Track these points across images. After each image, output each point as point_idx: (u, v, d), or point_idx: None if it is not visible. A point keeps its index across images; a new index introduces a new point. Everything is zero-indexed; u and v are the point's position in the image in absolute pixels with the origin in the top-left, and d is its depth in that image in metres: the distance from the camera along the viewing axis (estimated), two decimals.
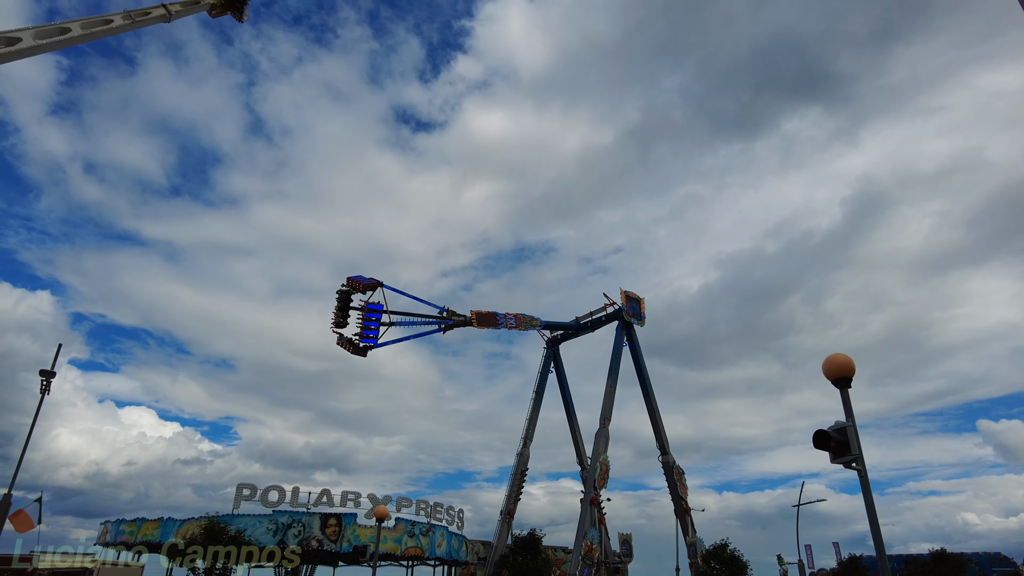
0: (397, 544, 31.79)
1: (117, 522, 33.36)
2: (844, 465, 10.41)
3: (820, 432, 10.73)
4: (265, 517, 29.38)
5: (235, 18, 36.55)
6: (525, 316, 41.45)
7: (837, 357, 10.85)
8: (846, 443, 10.47)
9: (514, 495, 47.81)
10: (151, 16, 35.10)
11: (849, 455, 10.38)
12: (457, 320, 35.02)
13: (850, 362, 10.75)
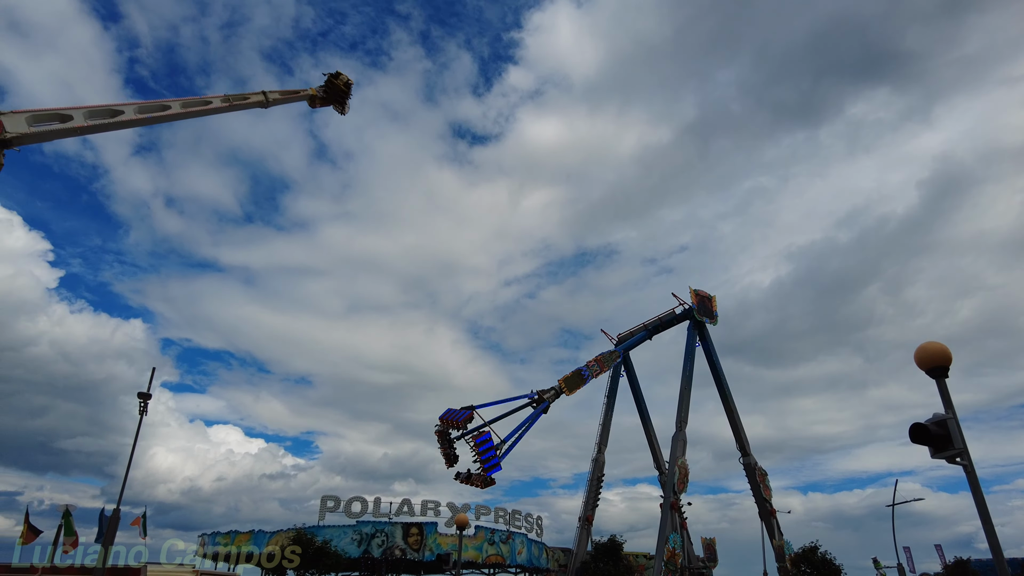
0: (478, 552, 31.99)
1: (213, 535, 35.02)
2: (947, 460, 9.70)
3: (917, 425, 10.06)
4: (350, 528, 30.16)
5: (337, 111, 38.27)
6: (604, 355, 41.13)
7: (931, 346, 10.16)
8: (947, 436, 9.76)
9: (592, 501, 47.33)
10: (249, 101, 37.69)
11: (952, 449, 9.67)
12: (550, 397, 34.81)
13: (945, 350, 10.05)
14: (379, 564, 31.04)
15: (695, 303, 48.84)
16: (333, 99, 38.06)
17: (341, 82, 37.91)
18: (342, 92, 38.02)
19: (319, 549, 24.89)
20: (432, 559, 30.21)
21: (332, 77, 37.66)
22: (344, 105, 38.78)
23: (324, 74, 38.43)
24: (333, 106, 38.23)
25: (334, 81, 37.45)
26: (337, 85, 37.39)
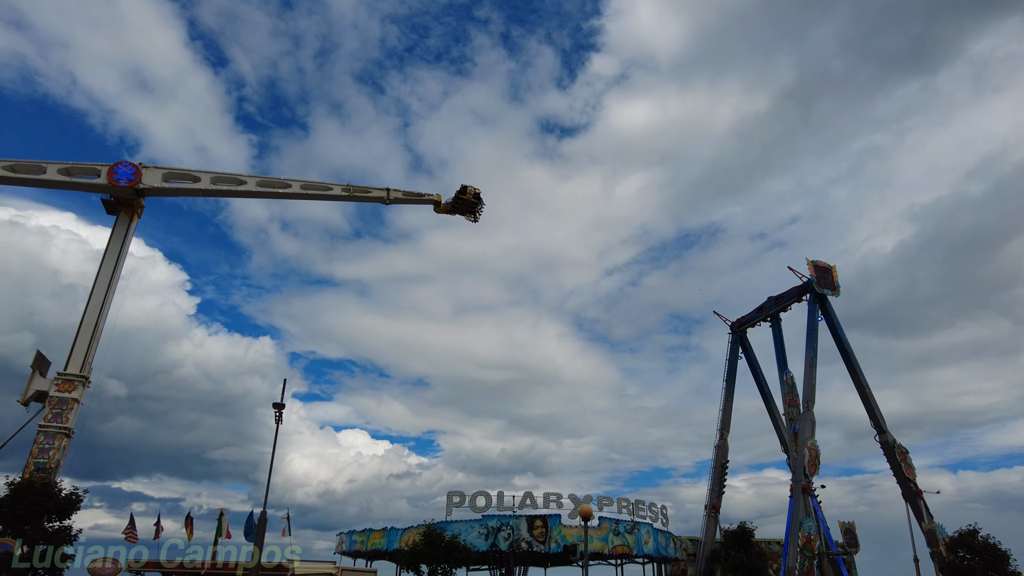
0: (604, 543, 31.86)
1: (349, 533, 37.19)
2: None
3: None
4: (476, 522, 30.99)
5: (469, 221, 40.33)
6: None
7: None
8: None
9: (717, 488, 45.87)
10: (370, 195, 41.15)
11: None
12: None
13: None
14: (507, 557, 31.67)
15: (814, 275, 46.02)
16: (463, 210, 40.35)
17: (470, 195, 40.12)
18: (472, 203, 40.16)
19: (449, 543, 25.74)
20: (558, 551, 30.42)
21: (460, 193, 39.74)
22: (475, 214, 40.68)
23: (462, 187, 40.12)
24: (464, 215, 40.44)
25: (462, 197, 39.71)
26: (466, 199, 39.66)
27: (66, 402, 37.46)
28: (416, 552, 25.72)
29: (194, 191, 41.61)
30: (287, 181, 42.28)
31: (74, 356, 38.84)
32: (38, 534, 25.48)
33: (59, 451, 36.12)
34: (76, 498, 27.25)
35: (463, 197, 39.82)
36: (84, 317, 39.87)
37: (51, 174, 39.50)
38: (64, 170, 39.97)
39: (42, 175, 39.53)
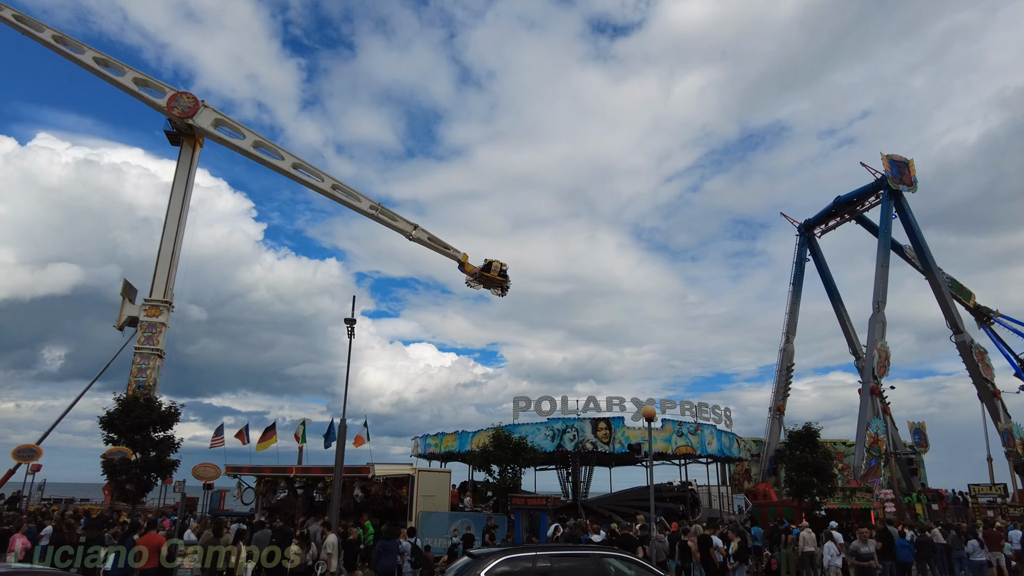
0: (667, 443, 32.70)
1: (424, 437, 39.40)
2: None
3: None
4: (542, 425, 32.24)
5: (497, 295, 39.02)
6: None
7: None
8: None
9: (782, 391, 45.86)
10: (396, 224, 40.63)
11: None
12: None
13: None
14: (573, 457, 33.01)
15: (888, 171, 43.46)
16: (490, 284, 39.35)
17: (494, 272, 39.06)
18: (498, 280, 39.19)
19: (517, 445, 26.96)
20: (623, 451, 31.44)
21: (484, 270, 39.22)
22: (503, 288, 39.68)
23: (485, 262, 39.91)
24: (492, 290, 39.60)
25: (487, 274, 38.97)
26: (491, 276, 38.76)
27: (155, 326, 40.19)
28: (486, 453, 27.10)
29: (235, 147, 42.23)
30: (321, 173, 42.82)
31: (156, 284, 41.31)
32: (146, 443, 28.10)
33: (154, 370, 39.16)
34: (174, 411, 29.70)
35: (487, 275, 39.05)
36: (161, 247, 42.09)
37: (127, 79, 40.86)
38: (140, 80, 41.23)
39: (120, 77, 40.82)
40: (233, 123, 42.33)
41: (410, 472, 25.33)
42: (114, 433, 28.14)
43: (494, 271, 38.61)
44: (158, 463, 28.08)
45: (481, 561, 10.38)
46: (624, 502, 33.34)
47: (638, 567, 11.08)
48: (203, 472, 29.36)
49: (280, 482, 28.42)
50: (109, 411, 28.37)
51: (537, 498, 26.52)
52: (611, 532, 20.50)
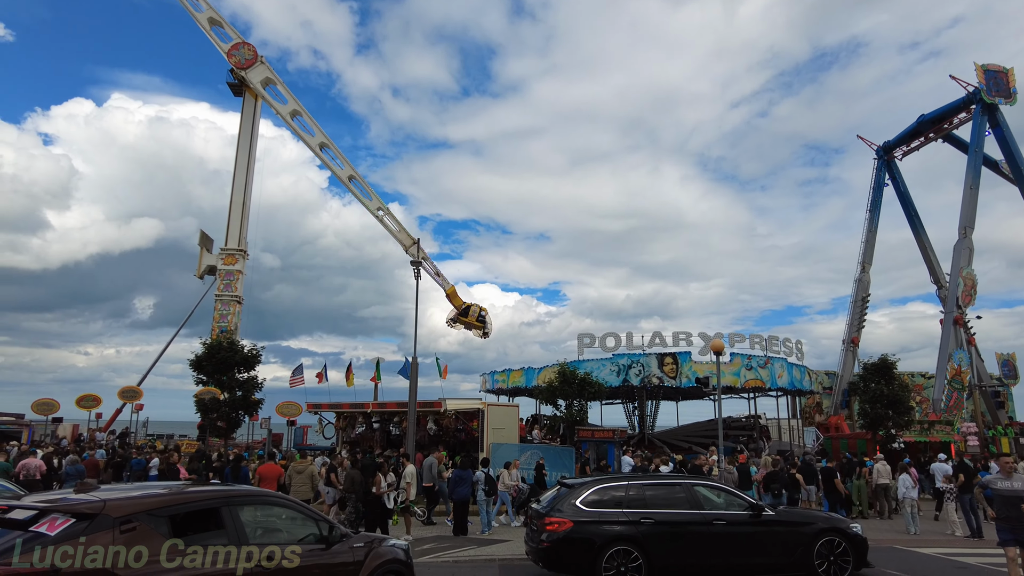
0: (736, 377, 32.35)
1: (491, 373, 40.40)
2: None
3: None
4: (607, 360, 32.41)
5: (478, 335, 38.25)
6: None
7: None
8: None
9: (856, 323, 44.24)
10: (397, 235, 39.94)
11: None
12: None
13: None
14: (638, 392, 33.20)
15: (983, 82, 39.83)
16: (470, 327, 38.66)
17: (472, 317, 38.43)
18: (477, 325, 38.40)
19: (583, 380, 27.27)
20: (690, 385, 31.36)
21: (461, 314, 38.94)
22: (484, 332, 39.02)
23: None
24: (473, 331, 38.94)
25: (463, 318, 38.57)
26: (468, 320, 38.31)
27: (232, 274, 42.09)
28: (553, 388, 27.57)
29: (276, 110, 42.52)
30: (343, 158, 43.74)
31: (231, 233, 43.01)
32: (232, 383, 29.92)
33: (235, 316, 41.24)
34: (256, 354, 31.36)
35: (464, 319, 38.52)
36: (232, 198, 43.60)
37: (203, 17, 41.64)
38: (214, 20, 41.92)
39: (199, 12, 41.53)
40: (279, 86, 42.54)
41: (480, 407, 26.11)
42: (203, 375, 30.06)
43: (472, 316, 38.86)
44: (244, 402, 29.94)
45: (575, 490, 10.71)
46: (691, 435, 33.52)
47: (727, 494, 11.23)
48: (286, 409, 31.13)
49: (358, 417, 29.86)
50: (197, 354, 30.22)
51: (604, 431, 26.95)
52: (680, 464, 20.69)
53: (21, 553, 4.61)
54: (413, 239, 41.29)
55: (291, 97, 42.27)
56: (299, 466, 16.97)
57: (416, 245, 40.29)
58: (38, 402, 31.83)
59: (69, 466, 18.97)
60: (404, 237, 41.72)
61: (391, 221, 41.65)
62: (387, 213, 41.87)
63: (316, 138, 42.10)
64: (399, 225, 41.65)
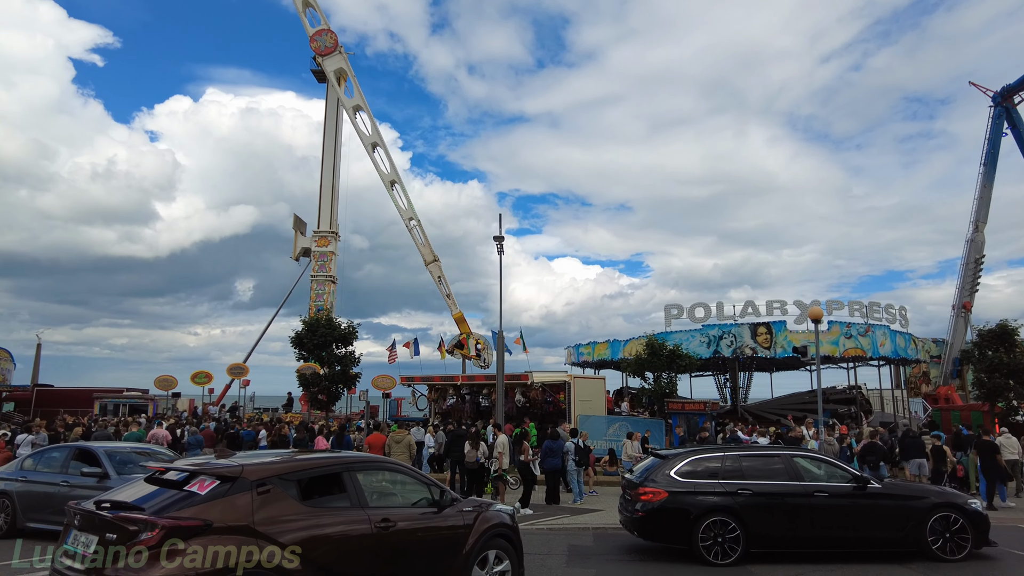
0: (835, 346, 30.95)
1: (576, 346, 40.51)
2: None
3: None
4: (696, 331, 31.74)
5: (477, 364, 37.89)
6: None
7: None
8: None
9: (968, 287, 41.14)
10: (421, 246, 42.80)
11: None
12: None
13: None
14: (730, 363, 32.42)
15: None
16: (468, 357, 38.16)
17: (466, 350, 38.15)
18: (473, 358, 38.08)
19: (672, 352, 26.88)
20: (785, 355, 30.28)
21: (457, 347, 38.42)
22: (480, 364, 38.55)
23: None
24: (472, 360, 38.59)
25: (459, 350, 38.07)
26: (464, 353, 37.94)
27: (325, 255, 44.04)
28: (640, 360, 27.34)
29: (342, 103, 43.48)
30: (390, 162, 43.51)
31: (322, 216, 44.92)
32: (331, 358, 31.53)
33: (329, 295, 43.24)
34: (352, 330, 32.84)
35: (461, 351, 38.22)
36: (321, 182, 45.45)
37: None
38: (307, 2, 43.46)
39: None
40: (351, 79, 43.43)
41: (566, 379, 26.33)
42: (303, 351, 31.82)
43: (466, 349, 38.81)
44: (343, 376, 31.49)
45: (668, 461, 10.78)
46: (786, 406, 32.44)
47: (828, 465, 10.97)
48: (381, 383, 32.52)
49: (448, 389, 30.83)
50: (297, 332, 31.99)
51: (694, 403, 26.58)
52: (776, 435, 20.20)
53: (180, 508, 5.21)
54: (435, 256, 42.85)
55: (358, 92, 43.27)
56: (397, 436, 17.86)
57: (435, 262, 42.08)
58: (160, 379, 34.79)
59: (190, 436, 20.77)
60: (427, 252, 42.86)
61: (419, 233, 42.73)
62: (417, 224, 42.85)
63: (370, 137, 43.10)
64: (425, 239, 42.72)
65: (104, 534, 5.07)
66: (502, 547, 7.45)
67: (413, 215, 42.46)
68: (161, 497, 5.45)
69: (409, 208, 42.42)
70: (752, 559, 10.03)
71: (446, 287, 42.59)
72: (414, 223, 42.34)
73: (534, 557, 9.84)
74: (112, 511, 5.27)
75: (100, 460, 11.55)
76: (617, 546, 11.54)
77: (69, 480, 11.43)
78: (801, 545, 10.24)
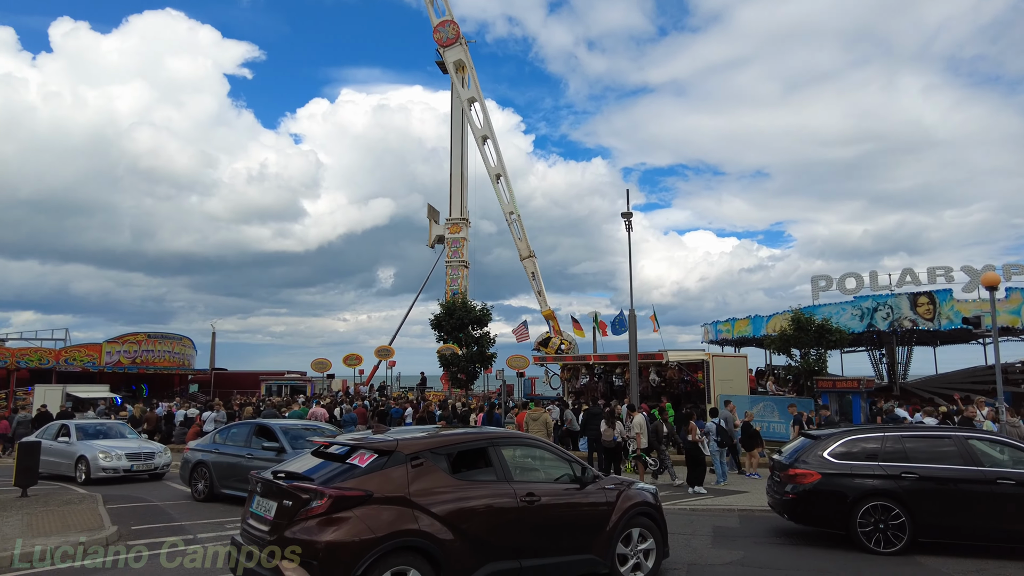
0: (1015, 316, 27.36)
1: (714, 323, 38.91)
2: None
3: None
4: (848, 304, 29.32)
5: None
6: None
7: None
8: None
9: None
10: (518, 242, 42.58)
11: None
12: None
13: None
14: (887, 337, 29.73)
15: None
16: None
17: (551, 348, 37.35)
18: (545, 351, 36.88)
19: (820, 326, 25.12)
20: (951, 327, 27.23)
21: (542, 343, 38.04)
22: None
23: None
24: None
25: (542, 347, 37.38)
26: (547, 351, 36.90)
27: (458, 241, 45.59)
28: (786, 337, 25.80)
29: (459, 95, 44.11)
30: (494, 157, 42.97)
31: (453, 204, 46.48)
32: (468, 339, 32.80)
33: (463, 279, 44.78)
34: (486, 312, 33.91)
35: (544, 349, 37.44)
36: (451, 171, 46.98)
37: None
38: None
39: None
40: (468, 72, 43.99)
41: (704, 357, 25.49)
42: (442, 333, 33.33)
43: (551, 347, 37.11)
44: (480, 356, 32.68)
45: (821, 442, 10.21)
46: (954, 383, 29.24)
47: (1011, 448, 9.84)
48: (515, 362, 33.30)
49: (581, 369, 30.94)
50: (435, 315, 33.55)
51: (846, 380, 24.73)
52: (944, 415, 18.39)
53: (344, 479, 5.71)
54: (531, 251, 42.64)
55: (474, 84, 43.89)
56: (534, 413, 18.30)
57: (530, 258, 42.20)
58: (316, 361, 37.86)
59: (346, 414, 22.55)
60: (523, 247, 42.76)
61: (518, 227, 42.79)
62: (518, 219, 42.88)
63: (481, 130, 43.66)
64: (523, 233, 42.79)
65: (281, 500, 5.68)
66: (646, 525, 7.44)
67: (514, 209, 42.94)
68: (327, 469, 6.00)
69: (511, 202, 42.92)
70: (921, 549, 9.25)
71: (539, 283, 42.97)
72: (515, 217, 42.78)
73: (678, 537, 9.72)
74: (287, 480, 5.88)
75: (277, 436, 13.08)
76: (765, 528, 11.12)
77: (252, 453, 12.99)
78: (980, 538, 9.26)
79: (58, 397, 30.87)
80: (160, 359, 43.87)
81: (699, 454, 15.77)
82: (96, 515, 11.06)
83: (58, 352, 39.36)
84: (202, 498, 13.56)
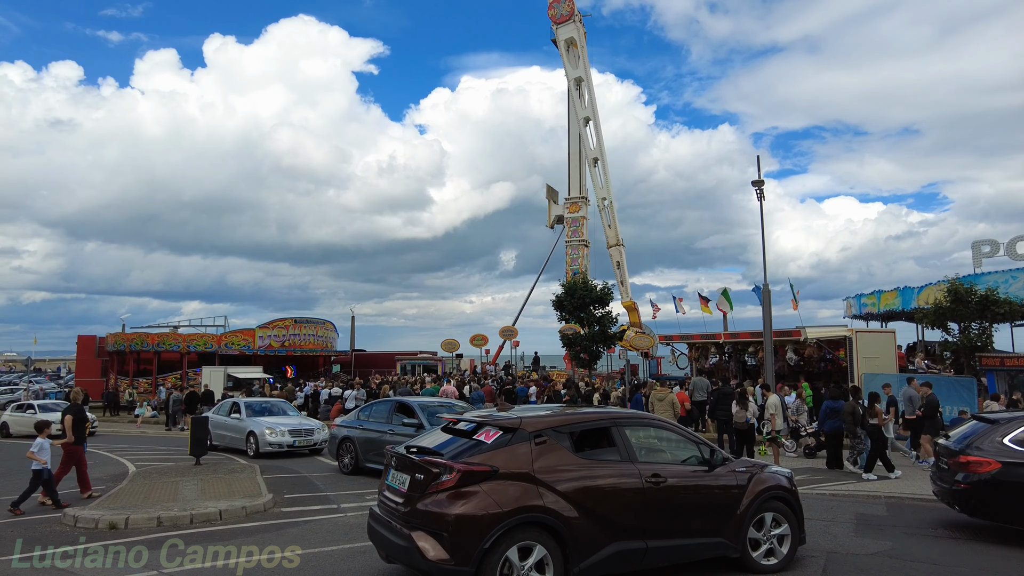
0: None
1: (857, 297, 35.95)
2: None
3: None
4: (1019, 271, 25.95)
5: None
6: None
7: None
8: None
9: None
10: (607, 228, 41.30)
11: None
12: None
13: None
14: None
15: None
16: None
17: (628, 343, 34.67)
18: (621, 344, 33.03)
19: (984, 297, 22.46)
20: None
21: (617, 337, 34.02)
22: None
23: None
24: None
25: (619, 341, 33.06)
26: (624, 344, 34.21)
27: (577, 220, 45.39)
28: (941, 310, 23.32)
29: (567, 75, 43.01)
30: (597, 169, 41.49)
31: (572, 183, 46.25)
32: (590, 319, 32.67)
33: (583, 258, 44.60)
34: (608, 291, 33.56)
35: (620, 342, 33.51)
36: (569, 150, 46.69)
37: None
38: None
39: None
40: (579, 50, 43.04)
41: (846, 334, 23.75)
42: (564, 312, 33.44)
43: (626, 342, 33.92)
44: (602, 335, 32.46)
45: (1000, 426, 9.20)
46: None
47: None
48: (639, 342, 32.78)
49: (710, 348, 29.87)
50: (557, 295, 33.67)
51: (1016, 358, 22.01)
52: None
53: (471, 455, 5.92)
54: (619, 239, 41.18)
55: (583, 63, 43.05)
56: (660, 394, 17.95)
57: (617, 246, 40.84)
58: (445, 342, 39.46)
59: (474, 392, 23.32)
60: (611, 235, 41.39)
61: (608, 214, 41.43)
62: (610, 205, 41.48)
63: (585, 111, 42.77)
64: (613, 221, 41.47)
65: (414, 474, 5.99)
66: (779, 510, 7.11)
67: (608, 195, 41.83)
68: (455, 444, 6.25)
69: (605, 187, 41.86)
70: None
71: (623, 273, 41.69)
72: (607, 203, 41.69)
73: (816, 523, 9.20)
74: (419, 455, 6.19)
75: (416, 413, 13.92)
76: (916, 519, 10.22)
77: (393, 429, 13.89)
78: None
79: (221, 378, 34.66)
80: (306, 342, 47.64)
81: (882, 437, 14.67)
82: (255, 483, 12.40)
83: (219, 337, 43.95)
84: (348, 471, 14.65)
